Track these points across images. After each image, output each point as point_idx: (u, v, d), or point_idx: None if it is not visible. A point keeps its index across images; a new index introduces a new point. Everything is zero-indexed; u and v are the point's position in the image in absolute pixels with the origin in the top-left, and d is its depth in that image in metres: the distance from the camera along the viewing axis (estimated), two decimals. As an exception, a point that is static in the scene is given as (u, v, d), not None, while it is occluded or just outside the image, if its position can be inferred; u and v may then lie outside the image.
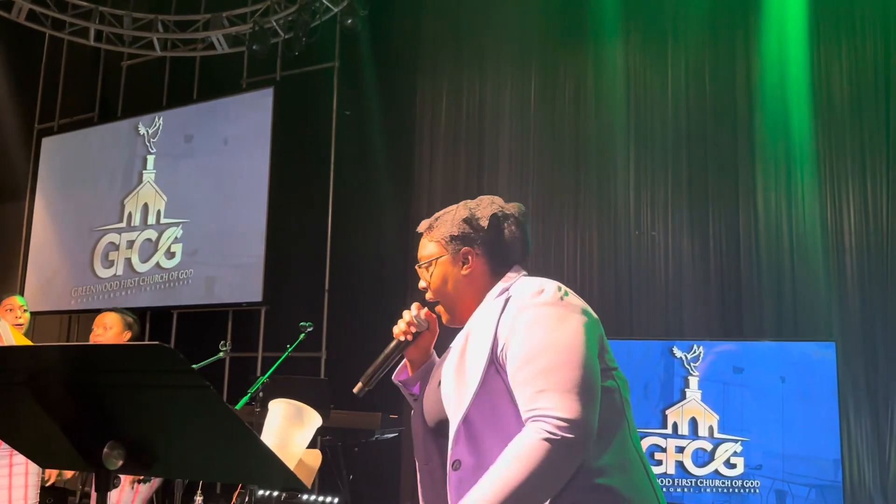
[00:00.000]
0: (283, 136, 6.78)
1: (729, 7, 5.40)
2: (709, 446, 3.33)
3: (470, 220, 1.64)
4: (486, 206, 1.67)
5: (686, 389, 3.39)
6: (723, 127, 5.34)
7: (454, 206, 1.70)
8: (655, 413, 3.44)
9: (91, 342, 3.01)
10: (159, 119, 7.46)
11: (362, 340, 6.45)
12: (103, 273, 7.43)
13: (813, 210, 4.93)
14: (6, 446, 3.25)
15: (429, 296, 1.70)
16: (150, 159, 7.42)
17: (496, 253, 1.61)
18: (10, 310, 3.30)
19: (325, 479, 4.32)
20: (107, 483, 0.87)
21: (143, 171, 7.43)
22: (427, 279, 1.67)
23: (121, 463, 0.87)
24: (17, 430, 0.93)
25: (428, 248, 1.69)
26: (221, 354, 3.17)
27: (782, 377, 3.28)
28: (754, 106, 5.22)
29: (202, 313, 7.00)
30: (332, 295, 6.52)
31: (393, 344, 1.69)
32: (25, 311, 3.35)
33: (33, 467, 3.29)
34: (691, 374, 3.40)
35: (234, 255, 6.71)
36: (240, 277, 6.65)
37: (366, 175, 6.63)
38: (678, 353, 3.51)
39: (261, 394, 2.96)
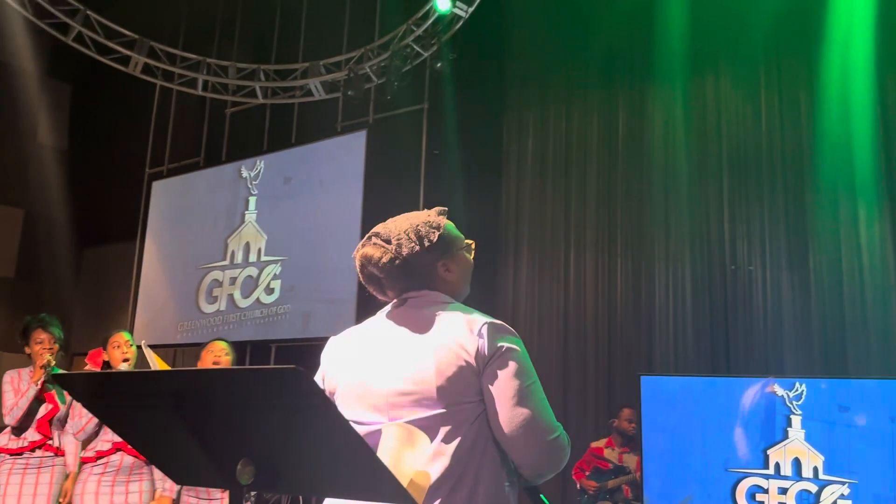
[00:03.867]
0: (375, 175, 7.02)
1: (826, 34, 5.26)
2: (814, 488, 3.18)
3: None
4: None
5: (788, 429, 3.27)
6: (821, 156, 5.18)
7: None
8: (757, 453, 3.32)
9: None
10: (261, 162, 7.87)
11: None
12: (207, 308, 7.83)
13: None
14: (124, 473, 3.47)
15: None
16: (252, 200, 7.81)
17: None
18: (118, 346, 3.55)
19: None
20: (240, 498, 0.97)
21: (246, 212, 7.83)
22: None
23: (252, 479, 0.96)
24: (160, 448, 1.05)
25: None
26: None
27: (892, 417, 3.12)
28: (854, 134, 5.05)
29: (298, 347, 7.25)
30: (422, 330, 6.62)
31: None
32: (131, 345, 3.60)
33: (147, 496, 3.50)
34: (794, 413, 3.28)
35: (329, 290, 6.94)
36: (333, 312, 6.87)
37: (453, 212, 6.73)
38: (780, 391, 3.39)
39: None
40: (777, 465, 3.23)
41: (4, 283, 8.93)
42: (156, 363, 3.23)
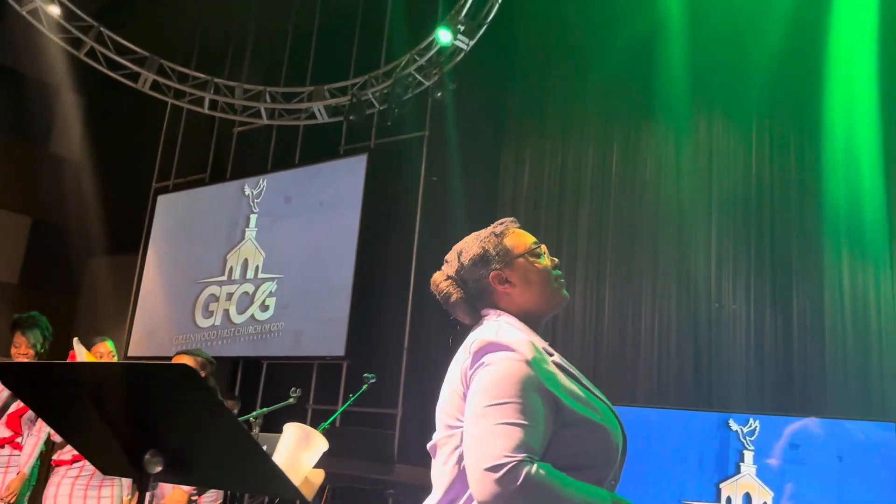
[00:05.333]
0: (374, 199, 7.14)
1: (808, 84, 5.37)
2: None
3: None
4: None
5: (741, 463, 3.31)
6: (807, 200, 5.26)
7: None
8: (709, 486, 3.36)
9: None
10: (263, 181, 8.01)
11: (437, 400, 6.57)
12: (203, 323, 7.93)
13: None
14: (97, 478, 3.54)
15: None
16: (253, 218, 7.95)
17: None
18: (101, 356, 3.62)
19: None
20: (146, 486, 1.05)
21: (246, 229, 7.96)
22: None
23: (159, 469, 1.04)
24: (82, 436, 1.13)
25: None
26: (291, 400, 3.37)
27: (839, 455, 3.15)
28: (841, 180, 5.13)
29: (289, 365, 7.32)
30: (410, 353, 6.69)
31: None
32: (113, 356, 3.66)
33: (118, 501, 3.56)
34: (747, 448, 3.32)
35: (322, 310, 7.03)
36: (325, 332, 6.95)
37: (449, 238, 6.82)
38: (734, 426, 3.44)
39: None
40: (728, 499, 3.27)
41: (8, 289, 9.07)
42: (85, 358, 3.29)
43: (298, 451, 1.13)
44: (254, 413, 3.15)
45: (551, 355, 1.43)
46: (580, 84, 6.51)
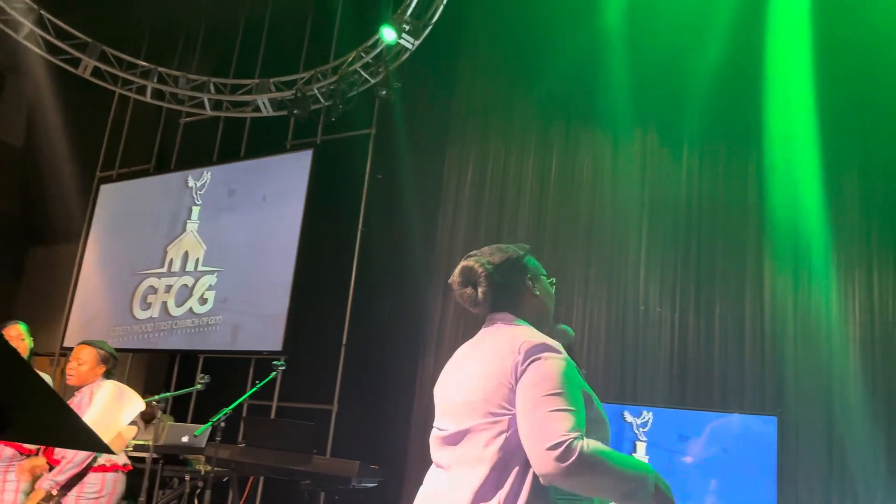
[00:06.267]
0: (318, 195, 7.14)
1: (742, 99, 5.54)
2: None
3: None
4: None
5: (633, 454, 3.40)
6: (733, 211, 5.43)
7: None
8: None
9: (67, 372, 3.22)
10: (207, 173, 7.95)
11: (374, 397, 6.60)
12: (141, 315, 7.83)
13: (818, 299, 4.93)
14: (3, 462, 3.48)
15: None
16: (196, 210, 7.88)
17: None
18: (11, 339, 3.52)
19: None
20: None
21: (188, 221, 7.89)
22: None
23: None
24: None
25: None
26: (198, 386, 3.37)
27: (725, 448, 3.27)
28: (764, 194, 5.31)
29: (227, 359, 7.27)
30: (349, 350, 6.71)
31: None
32: (24, 339, 3.56)
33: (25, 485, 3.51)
34: (640, 440, 3.42)
35: (261, 305, 7.00)
36: (263, 327, 6.93)
37: (392, 236, 6.91)
38: (629, 417, 3.53)
39: (222, 424, 3.13)
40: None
41: (-56, 276, 8.84)
42: None
43: (112, 409, 1.16)
44: (157, 396, 3.14)
45: None
46: (523, 89, 6.62)
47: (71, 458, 2.96)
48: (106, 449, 0.98)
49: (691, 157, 5.72)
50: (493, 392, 1.61)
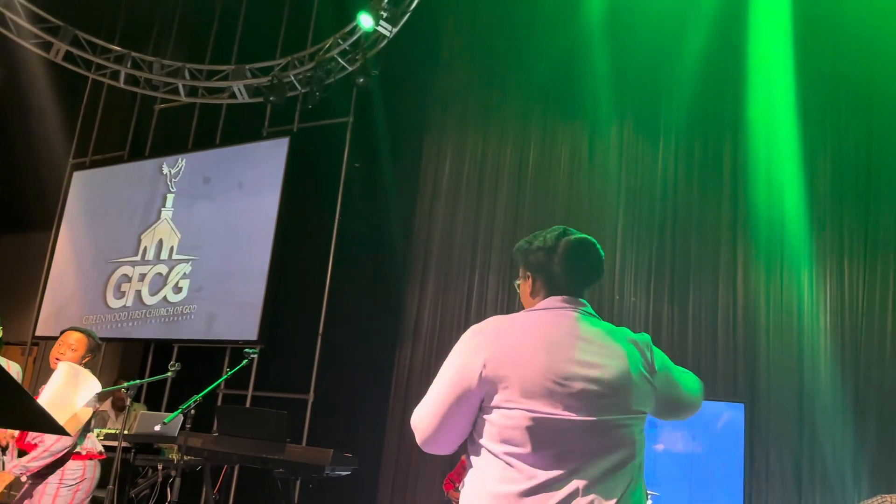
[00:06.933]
0: (294, 184, 7.08)
1: (719, 91, 5.58)
2: None
3: (523, 251, 1.81)
4: (537, 239, 1.82)
5: None
6: (708, 204, 5.47)
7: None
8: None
9: (52, 357, 3.19)
10: (182, 160, 7.85)
11: (349, 386, 6.58)
12: (114, 303, 7.73)
13: (790, 289, 4.99)
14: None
15: None
16: (170, 198, 7.78)
17: (545, 281, 1.76)
18: None
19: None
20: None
21: (162, 209, 7.79)
22: None
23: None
24: None
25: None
26: (169, 374, 3.34)
27: (693, 435, 3.31)
28: (739, 186, 5.35)
29: (202, 348, 7.20)
30: (325, 339, 6.68)
31: None
32: None
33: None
34: None
35: (236, 293, 6.94)
36: (238, 316, 6.87)
37: (368, 224, 6.89)
38: None
39: (192, 412, 3.11)
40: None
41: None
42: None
43: (67, 390, 1.14)
44: (126, 384, 3.10)
45: None
46: (502, 79, 6.62)
47: (48, 447, 2.92)
48: (61, 430, 0.96)
49: (667, 149, 5.75)
50: (642, 395, 1.63)
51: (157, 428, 3.94)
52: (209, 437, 3.90)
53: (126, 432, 3.62)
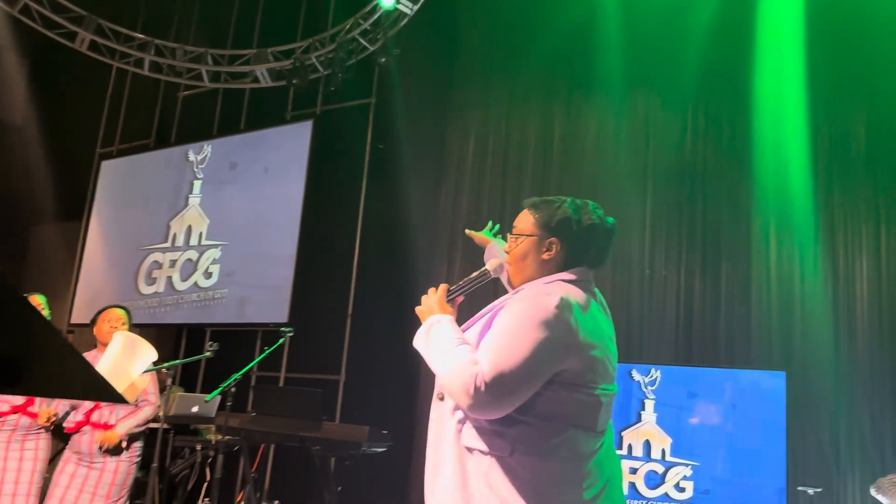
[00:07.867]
0: (319, 166, 7.10)
1: (749, 56, 5.47)
2: (661, 469, 3.33)
3: (568, 220, 1.79)
4: (586, 213, 1.82)
5: (642, 412, 3.42)
6: (738, 174, 5.39)
7: (562, 199, 1.87)
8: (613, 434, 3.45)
9: (100, 333, 3.32)
10: (208, 147, 7.91)
11: (381, 366, 6.62)
12: (146, 290, 7.84)
13: (825, 259, 4.91)
14: (21, 431, 3.52)
15: (505, 258, 1.88)
16: (197, 184, 7.85)
17: (573, 252, 1.78)
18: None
19: (315, 490, 4.47)
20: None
21: (190, 196, 7.86)
22: (511, 247, 1.84)
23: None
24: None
25: (525, 221, 1.86)
26: (208, 354, 3.38)
27: (734, 404, 3.28)
28: (769, 157, 5.26)
29: (234, 332, 7.29)
30: (354, 320, 6.72)
31: (478, 272, 1.93)
32: (42, 310, 3.63)
33: (43, 453, 3.55)
34: (648, 398, 3.43)
35: (266, 277, 7.00)
36: (269, 299, 6.93)
37: (394, 206, 6.88)
38: (637, 376, 3.54)
39: (233, 389, 3.15)
40: (630, 446, 3.38)
41: (-54, 257, 8.84)
42: None
43: (125, 359, 1.16)
44: (165, 364, 3.15)
45: None
46: (524, 56, 6.54)
47: (146, 416, 3.10)
48: (120, 399, 0.98)
49: (694, 122, 5.67)
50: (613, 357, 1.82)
51: (196, 409, 4.00)
52: (247, 417, 3.96)
53: (166, 414, 3.68)
